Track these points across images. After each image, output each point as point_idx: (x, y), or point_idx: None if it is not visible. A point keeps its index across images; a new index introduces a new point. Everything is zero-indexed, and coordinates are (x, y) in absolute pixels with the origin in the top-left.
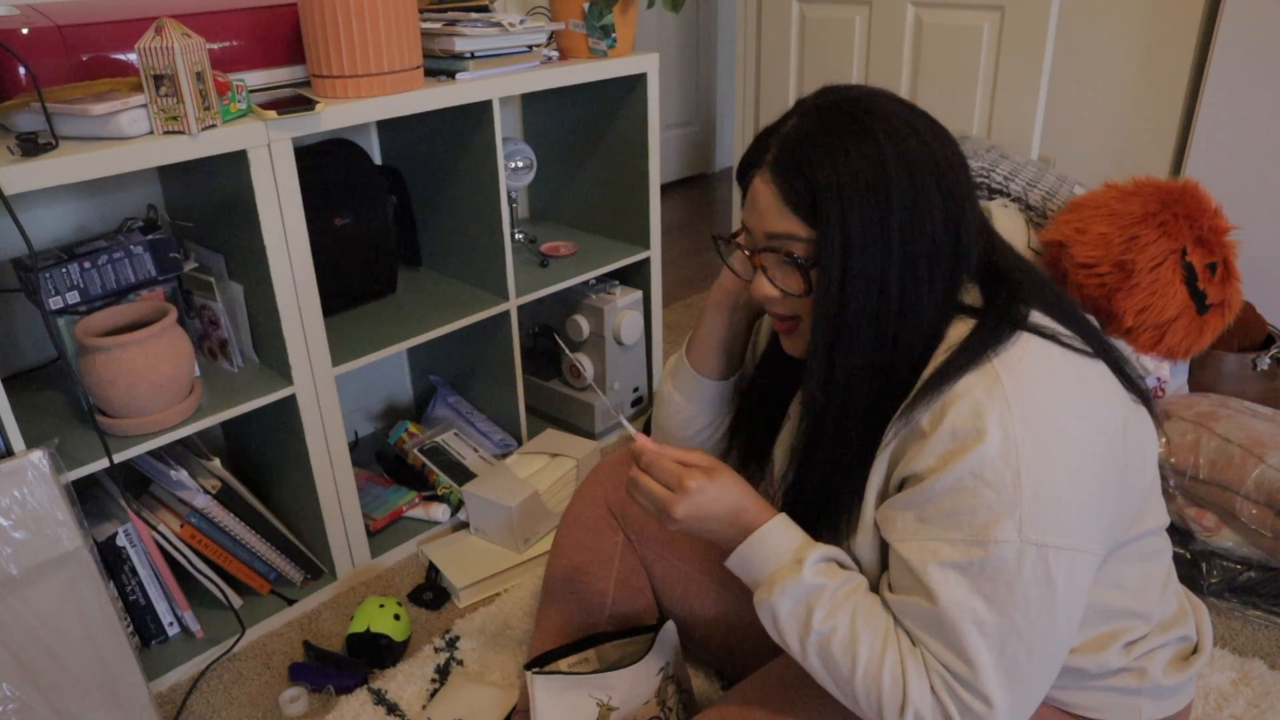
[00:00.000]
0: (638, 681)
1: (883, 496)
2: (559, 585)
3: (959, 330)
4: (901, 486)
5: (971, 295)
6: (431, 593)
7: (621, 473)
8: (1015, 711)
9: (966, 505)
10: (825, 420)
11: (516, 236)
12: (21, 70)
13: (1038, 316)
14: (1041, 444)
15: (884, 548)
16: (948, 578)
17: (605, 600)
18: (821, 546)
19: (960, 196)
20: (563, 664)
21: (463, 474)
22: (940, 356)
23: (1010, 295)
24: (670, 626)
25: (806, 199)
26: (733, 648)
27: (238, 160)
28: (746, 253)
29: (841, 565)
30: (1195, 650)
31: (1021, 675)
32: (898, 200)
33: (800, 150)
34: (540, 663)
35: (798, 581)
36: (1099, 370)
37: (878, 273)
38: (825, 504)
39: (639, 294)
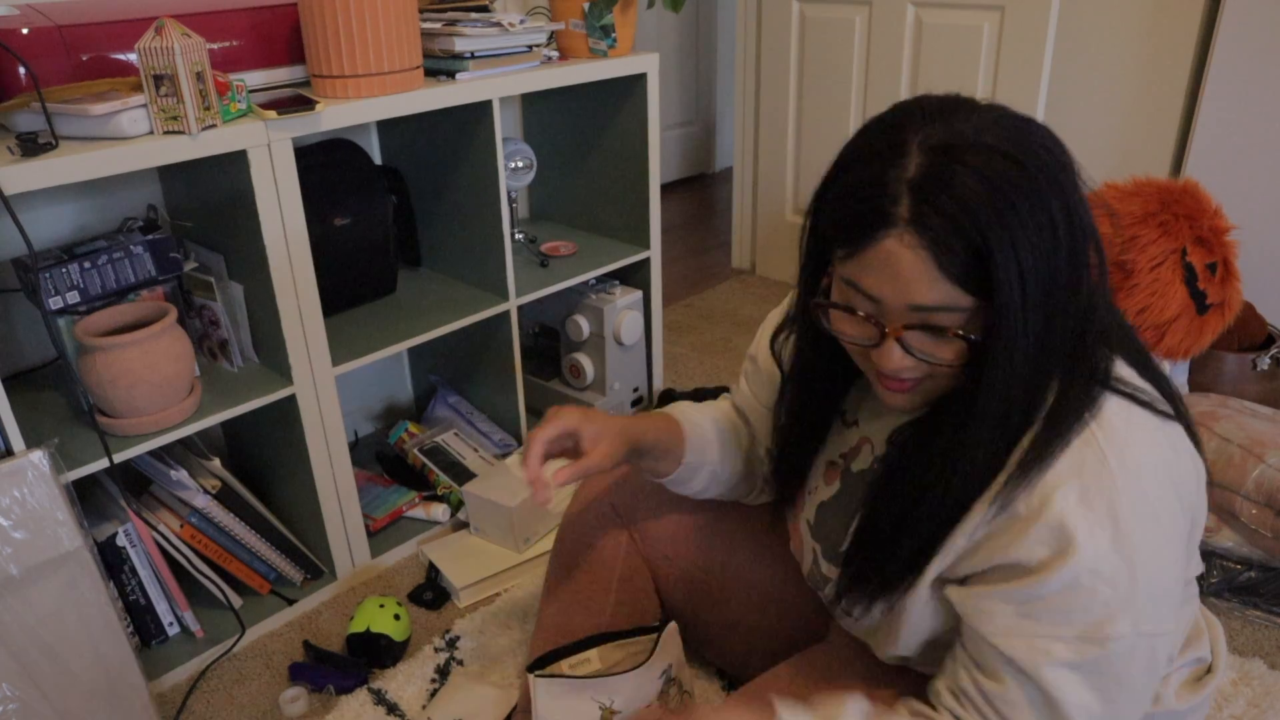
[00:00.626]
0: (641, 685)
1: (952, 572)
2: (560, 584)
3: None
4: (971, 571)
5: None
6: (431, 593)
7: (621, 470)
8: None
9: (1081, 603)
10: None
11: (516, 236)
12: (21, 70)
13: (1124, 369)
14: (1152, 531)
15: (929, 613)
16: (1059, 675)
17: (608, 599)
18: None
19: (1102, 266)
20: (564, 665)
21: (463, 474)
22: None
23: (1095, 342)
24: (673, 628)
25: (974, 266)
26: (736, 650)
27: (238, 160)
28: (874, 318)
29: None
30: (1209, 670)
31: None
32: (1063, 271)
33: (960, 208)
34: (542, 664)
35: None
36: (1179, 434)
37: (1043, 332)
38: (890, 550)
39: (639, 294)
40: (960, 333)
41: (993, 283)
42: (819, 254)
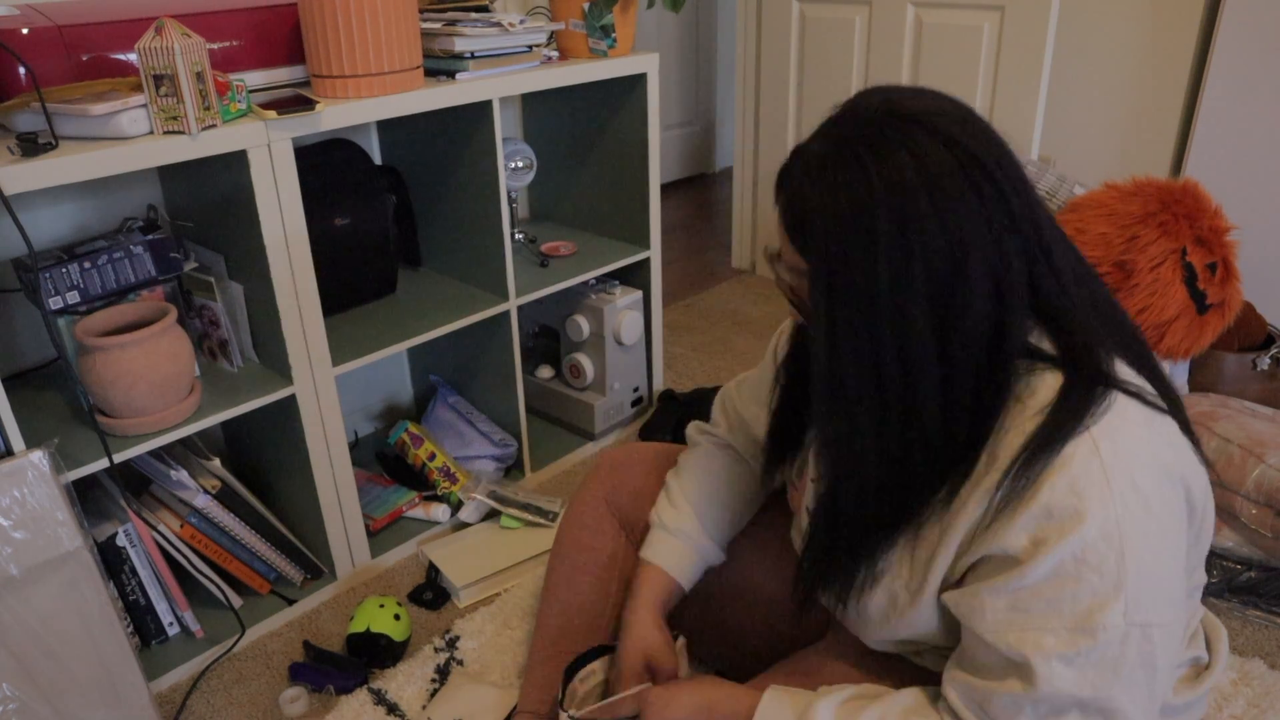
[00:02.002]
0: None
1: (952, 571)
2: (560, 585)
3: (1045, 385)
4: (973, 562)
5: (1036, 335)
6: (431, 593)
7: (621, 470)
8: None
9: (1069, 592)
10: (841, 492)
11: (516, 236)
12: (21, 70)
13: (1123, 369)
14: (1142, 520)
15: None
16: (1052, 669)
17: (608, 601)
18: (826, 697)
19: (982, 224)
20: (576, 682)
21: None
22: (1029, 419)
23: (1087, 342)
24: (682, 643)
25: (801, 232)
26: (734, 651)
27: (238, 160)
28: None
29: (864, 696)
30: (1208, 668)
31: None
32: (885, 235)
33: (802, 181)
34: (561, 690)
35: None
36: (1174, 427)
37: (865, 323)
38: (846, 561)
39: (639, 294)
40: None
41: (808, 251)
42: None
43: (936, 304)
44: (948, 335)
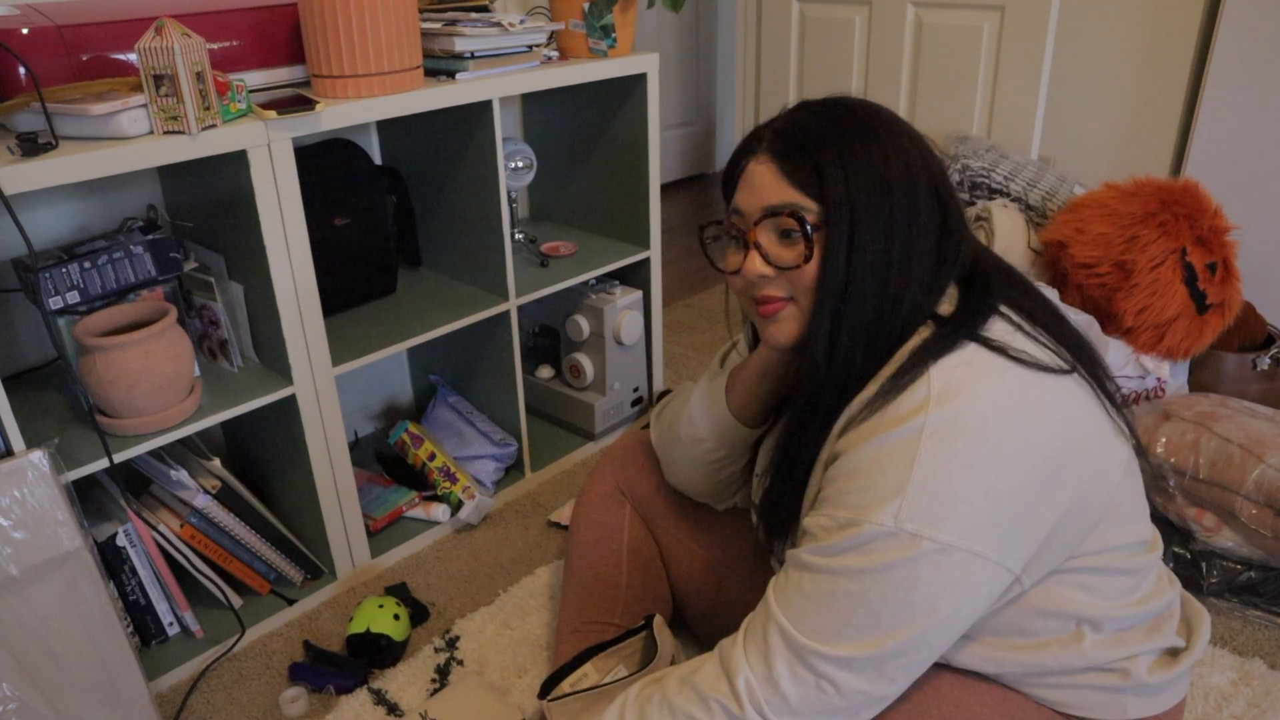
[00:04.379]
0: None
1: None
2: (577, 561)
3: (922, 337)
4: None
5: (947, 304)
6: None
7: (630, 454)
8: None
9: (858, 484)
10: (823, 394)
11: (516, 236)
12: (21, 70)
13: (999, 327)
14: (947, 442)
15: None
16: (806, 559)
17: (620, 571)
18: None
19: (950, 210)
20: (566, 685)
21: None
22: (896, 362)
23: (978, 305)
24: (659, 620)
25: (811, 174)
26: (732, 628)
27: (238, 160)
28: (739, 230)
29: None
30: (1187, 650)
31: (875, 661)
32: (897, 193)
33: (803, 135)
34: (545, 690)
35: None
36: (1052, 386)
37: (882, 243)
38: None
39: (639, 294)
40: (805, 227)
41: (823, 184)
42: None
43: (925, 250)
44: (924, 271)
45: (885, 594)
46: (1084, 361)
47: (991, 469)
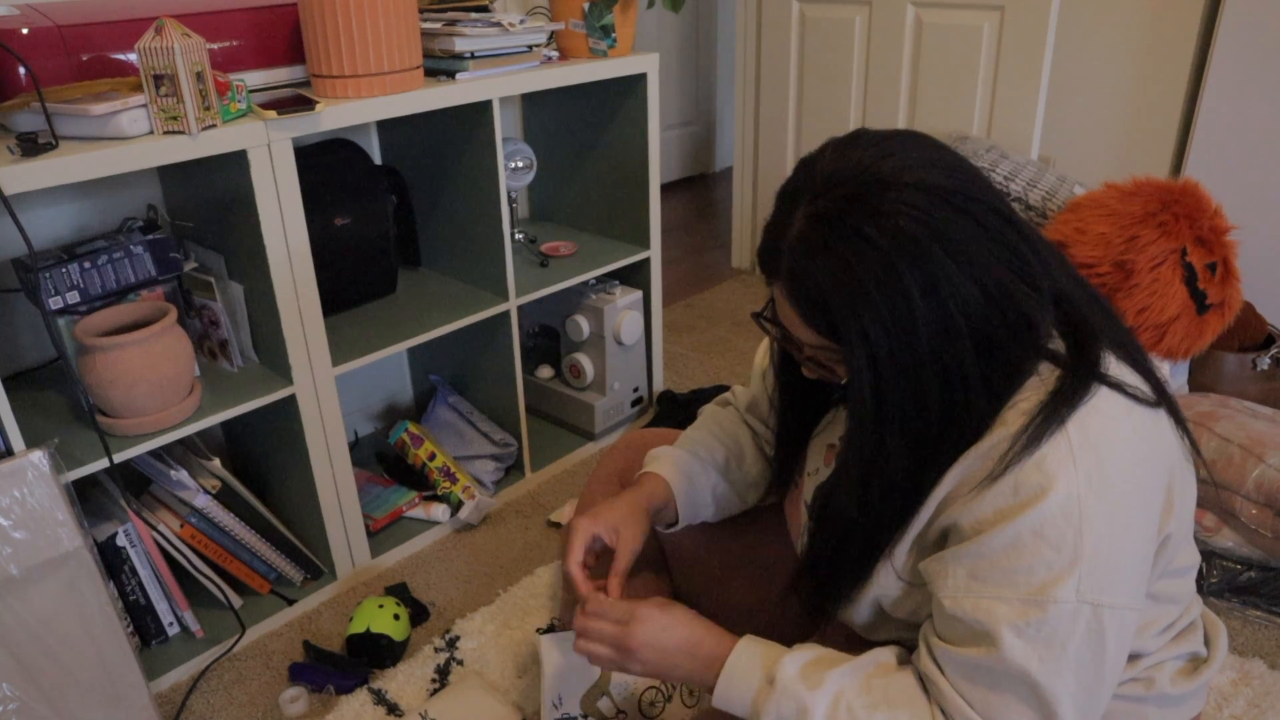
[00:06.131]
0: None
1: (922, 541)
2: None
3: (1046, 382)
4: (945, 534)
5: (1052, 337)
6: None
7: (632, 453)
8: None
9: (1025, 564)
10: (848, 526)
11: (516, 236)
12: (21, 70)
13: (1111, 362)
14: (1105, 502)
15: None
16: (1004, 638)
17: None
18: (792, 652)
19: (1021, 284)
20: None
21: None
22: (1018, 416)
23: (1089, 342)
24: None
25: (824, 317)
26: (736, 630)
27: (238, 160)
28: (782, 332)
29: (836, 657)
30: (1206, 661)
31: None
32: (924, 333)
33: (807, 266)
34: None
35: (775, 700)
36: (1158, 420)
37: (911, 378)
38: (840, 566)
39: (639, 294)
40: (834, 364)
41: (839, 338)
42: None
43: (978, 336)
44: (991, 353)
45: (1079, 670)
46: (1156, 386)
47: (1137, 521)
